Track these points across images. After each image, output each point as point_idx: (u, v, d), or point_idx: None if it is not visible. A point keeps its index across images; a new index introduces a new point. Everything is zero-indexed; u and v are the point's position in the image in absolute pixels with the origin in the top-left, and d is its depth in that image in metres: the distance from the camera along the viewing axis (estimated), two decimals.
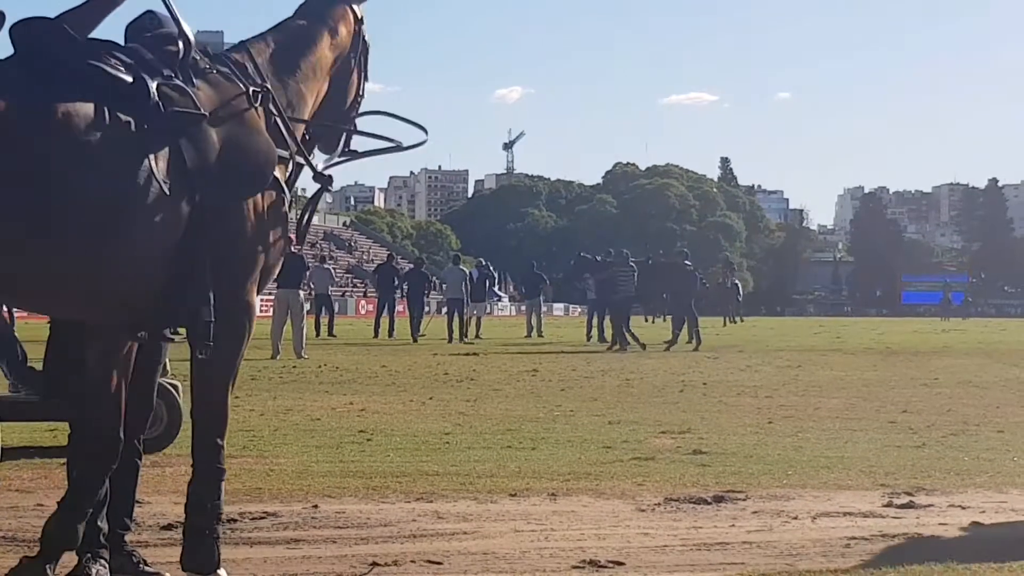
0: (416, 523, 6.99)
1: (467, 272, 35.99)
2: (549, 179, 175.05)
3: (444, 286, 36.82)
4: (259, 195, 5.14)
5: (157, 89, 4.86)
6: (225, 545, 5.50)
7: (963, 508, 7.64)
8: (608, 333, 30.49)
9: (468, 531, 6.78)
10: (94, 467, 5.23)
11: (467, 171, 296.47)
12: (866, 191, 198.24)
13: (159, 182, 4.71)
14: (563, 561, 6.07)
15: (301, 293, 24.78)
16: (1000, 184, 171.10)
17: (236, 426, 11.30)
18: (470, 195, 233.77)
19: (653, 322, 45.28)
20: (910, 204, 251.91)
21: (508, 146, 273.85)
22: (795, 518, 7.27)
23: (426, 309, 36.66)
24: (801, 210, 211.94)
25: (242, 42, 5.58)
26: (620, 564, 6.01)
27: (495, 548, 6.33)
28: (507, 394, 15.57)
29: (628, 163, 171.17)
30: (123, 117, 4.71)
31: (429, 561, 6.02)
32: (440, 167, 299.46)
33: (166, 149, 4.78)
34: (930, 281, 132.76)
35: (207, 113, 5.00)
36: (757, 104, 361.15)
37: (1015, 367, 22.40)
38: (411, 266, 37.72)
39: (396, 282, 37.06)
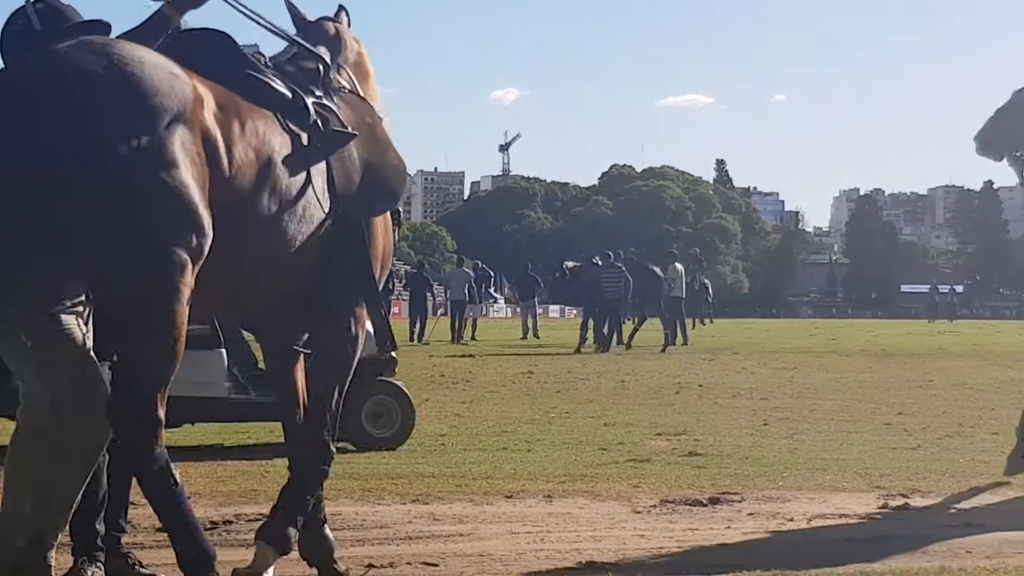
0: (412, 525, 6.99)
1: (471, 275, 36.19)
2: (545, 181, 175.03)
3: (447, 288, 36.83)
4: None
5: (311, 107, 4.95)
6: (222, 548, 5.49)
7: (959, 510, 7.65)
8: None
9: (464, 533, 6.78)
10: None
11: (463, 173, 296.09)
12: (861, 193, 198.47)
13: (319, 198, 4.83)
14: (559, 563, 6.07)
15: None
16: (995, 186, 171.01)
17: (232, 427, 11.31)
18: (466, 197, 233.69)
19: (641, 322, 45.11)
20: (905, 206, 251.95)
21: (504, 148, 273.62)
22: (791, 520, 7.27)
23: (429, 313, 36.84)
24: (797, 212, 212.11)
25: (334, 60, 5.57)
26: (616, 566, 6.01)
27: (491, 550, 6.33)
28: (503, 396, 15.57)
29: (624, 165, 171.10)
30: (295, 130, 4.79)
31: (425, 563, 6.01)
32: (436, 168, 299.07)
33: (322, 165, 4.87)
34: (925, 286, 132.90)
35: (356, 132, 5.10)
36: (753, 106, 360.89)
37: (1010, 369, 22.41)
38: (408, 268, 37.89)
39: (392, 284, 37.02)
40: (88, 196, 4.01)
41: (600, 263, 30.82)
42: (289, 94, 4.86)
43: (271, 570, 5.26)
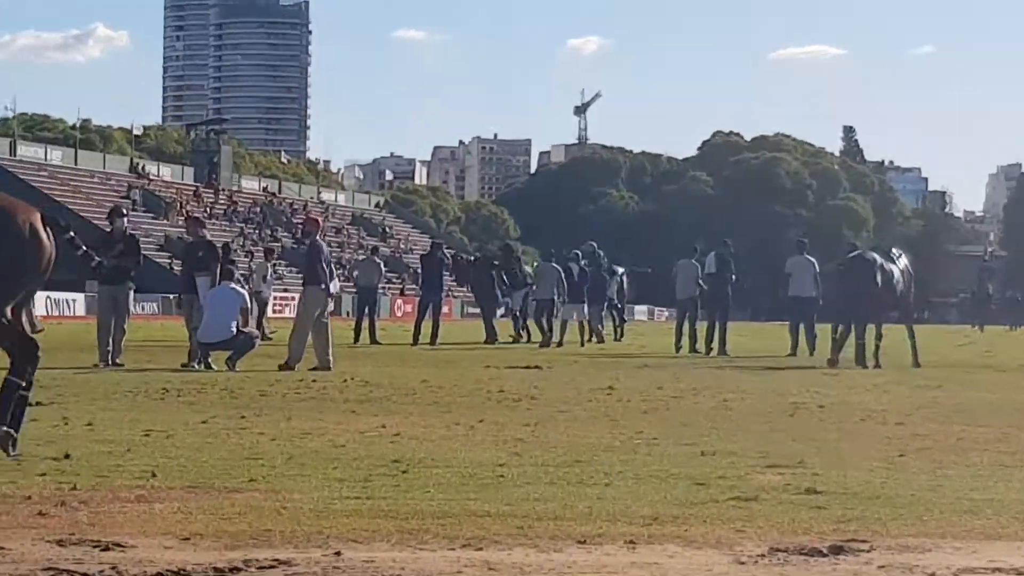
0: (462, 575, 7.00)
1: (560, 270, 37.35)
2: (631, 152, 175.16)
3: (535, 285, 38.02)
4: None
5: None
6: None
7: None
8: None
9: None
10: None
11: (529, 141, 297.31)
12: None
13: None
14: None
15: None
16: None
17: (241, 453, 11.37)
18: (532, 171, 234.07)
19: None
20: None
21: (581, 110, 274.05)
22: (932, 574, 7.23)
23: (501, 311, 39.55)
24: (943, 192, 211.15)
25: None
26: None
27: None
28: (576, 417, 15.57)
29: (729, 132, 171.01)
30: None
31: None
32: (496, 136, 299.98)
33: None
34: None
35: None
36: (891, 60, 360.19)
37: None
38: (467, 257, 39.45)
39: (443, 278, 37.71)
40: None
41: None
42: None
43: None
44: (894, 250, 30.36)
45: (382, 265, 41.03)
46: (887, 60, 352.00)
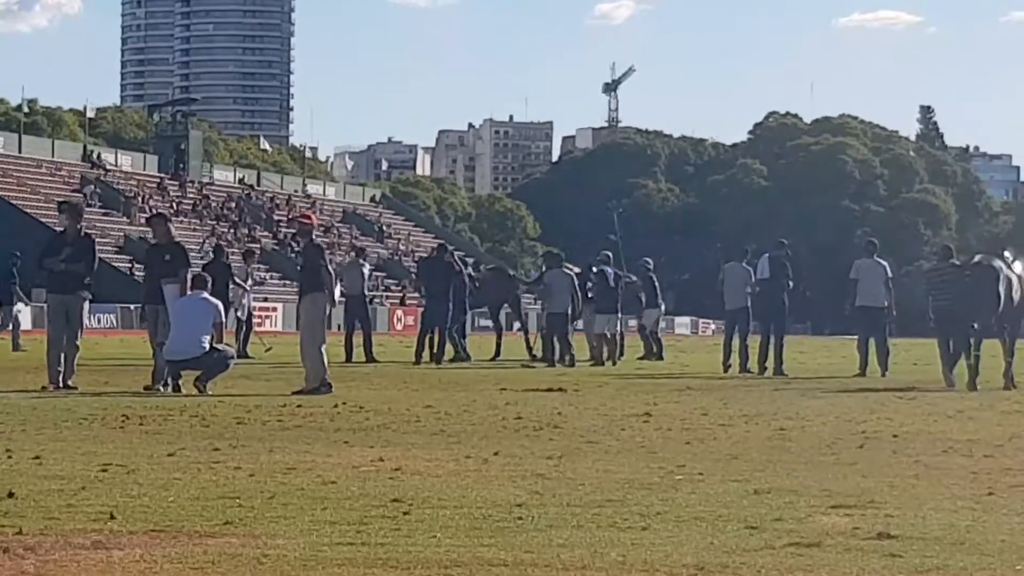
0: None
1: (573, 276, 37.54)
2: (670, 136, 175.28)
3: (547, 296, 38.26)
4: None
5: None
6: None
7: None
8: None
9: None
10: None
11: (550, 124, 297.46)
12: None
13: None
14: None
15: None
16: None
17: (214, 491, 11.37)
18: (555, 159, 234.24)
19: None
20: None
21: (611, 87, 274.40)
22: None
23: (517, 326, 40.39)
24: None
25: None
26: None
27: None
28: (607, 448, 15.57)
29: (786, 114, 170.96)
30: None
31: None
32: (512, 117, 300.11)
33: None
34: None
35: None
36: (976, 28, 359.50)
37: None
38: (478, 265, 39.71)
39: (450, 285, 37.72)
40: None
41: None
42: None
43: None
44: (1006, 252, 29.93)
45: (365, 270, 41.11)
46: (971, 28, 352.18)
